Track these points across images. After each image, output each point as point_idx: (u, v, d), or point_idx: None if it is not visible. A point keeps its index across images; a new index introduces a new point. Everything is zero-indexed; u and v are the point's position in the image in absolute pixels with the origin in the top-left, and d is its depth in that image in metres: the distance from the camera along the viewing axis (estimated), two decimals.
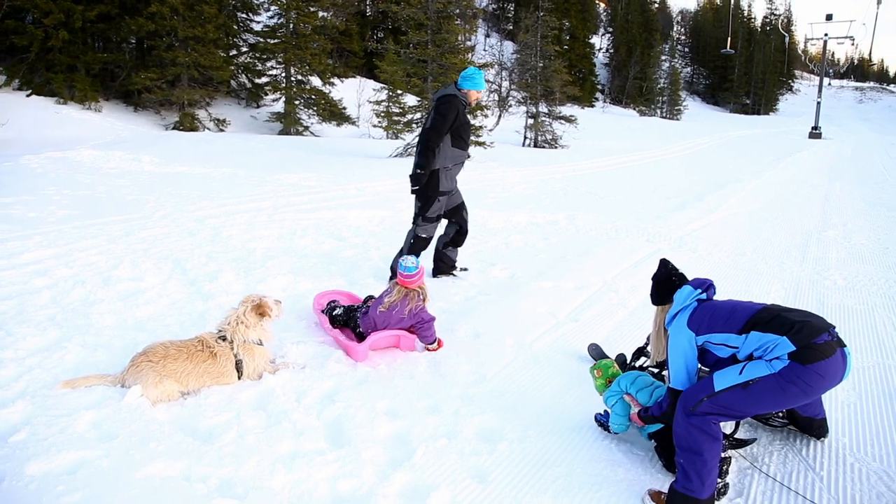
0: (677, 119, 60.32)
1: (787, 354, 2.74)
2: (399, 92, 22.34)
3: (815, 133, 42.52)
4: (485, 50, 50.14)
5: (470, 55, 38.94)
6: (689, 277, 3.30)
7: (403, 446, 3.24)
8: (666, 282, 3.34)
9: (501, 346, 4.55)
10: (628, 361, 4.15)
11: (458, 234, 6.27)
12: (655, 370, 4.04)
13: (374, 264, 6.61)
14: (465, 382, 3.97)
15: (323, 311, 4.82)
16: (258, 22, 28.65)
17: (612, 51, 66.12)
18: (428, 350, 4.49)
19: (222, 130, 24.57)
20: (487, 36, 54.54)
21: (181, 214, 8.53)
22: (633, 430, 3.41)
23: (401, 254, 5.97)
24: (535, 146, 26.52)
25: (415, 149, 6.11)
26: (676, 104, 62.88)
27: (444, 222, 6.24)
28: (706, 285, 3.19)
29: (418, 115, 20.15)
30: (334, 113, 27.17)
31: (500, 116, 31.29)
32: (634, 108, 59.56)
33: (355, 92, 29.01)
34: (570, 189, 13.35)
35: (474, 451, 3.22)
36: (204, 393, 3.61)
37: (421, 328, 4.46)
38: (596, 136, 31.80)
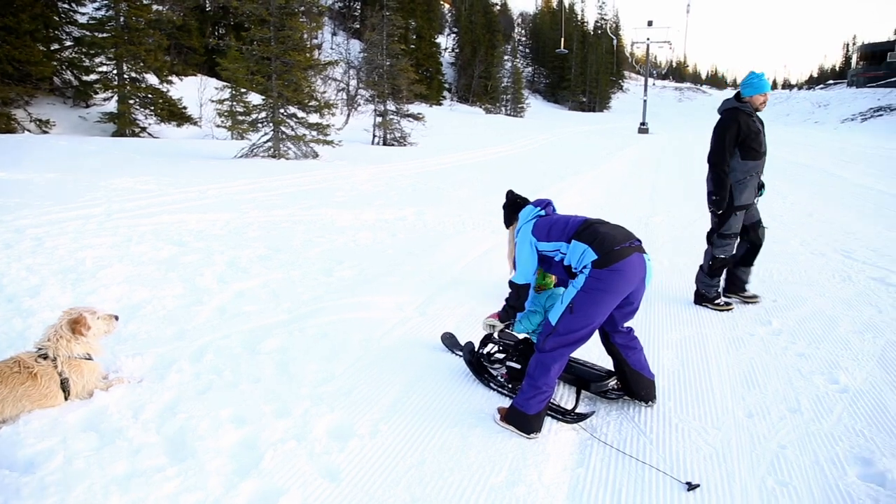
0: (521, 116, 63.01)
1: (591, 262, 3.32)
2: (243, 90, 21.63)
3: (643, 128, 46.51)
4: (332, 48, 49.51)
5: (317, 53, 38.39)
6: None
7: (251, 453, 3.13)
8: (512, 204, 4.07)
9: (350, 343, 4.53)
10: (476, 349, 4.29)
11: (749, 252, 5.85)
12: (502, 356, 4.24)
13: (217, 269, 6.33)
14: (314, 382, 3.91)
15: None
16: (83, 13, 26.41)
17: (457, 50, 67.66)
18: None
19: (46, 132, 22.48)
20: (334, 34, 53.85)
21: None
22: (484, 415, 3.59)
23: (701, 272, 5.81)
24: (385, 144, 26.70)
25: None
26: (520, 102, 65.70)
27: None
28: (545, 204, 3.91)
29: (263, 115, 19.55)
30: (174, 113, 25.73)
31: (348, 115, 31.13)
32: (481, 106, 61.39)
33: (196, 91, 27.68)
34: (418, 185, 13.56)
35: (325, 451, 3.17)
36: (23, 419, 3.28)
37: None
38: (444, 133, 32.52)
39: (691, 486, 3.00)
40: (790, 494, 2.93)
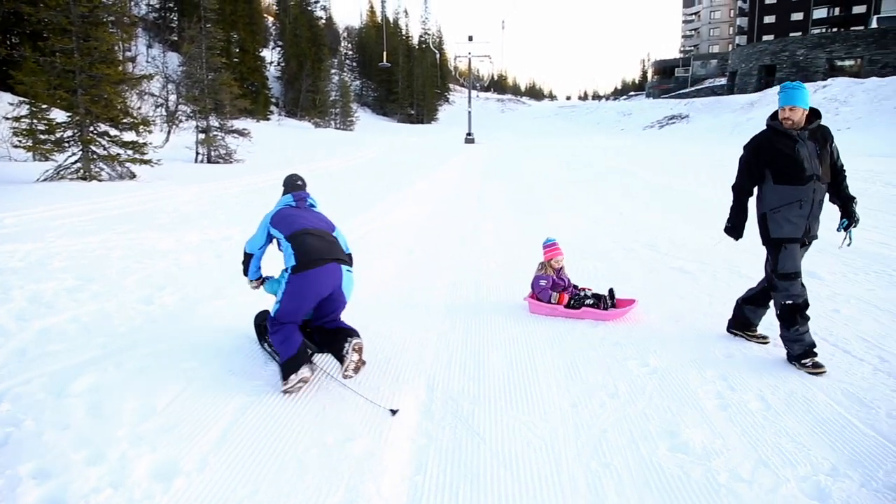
0: (351, 130, 62.95)
1: (290, 267, 4.06)
2: (44, 106, 19.70)
3: (469, 139, 48.55)
4: (148, 61, 46.49)
5: (130, 66, 35.92)
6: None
7: None
8: (284, 188, 4.79)
9: (173, 375, 4.25)
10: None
11: (763, 292, 4.93)
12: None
13: (16, 306, 5.65)
14: (133, 421, 3.60)
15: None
16: None
17: (283, 64, 66.28)
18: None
19: None
20: (150, 46, 50.62)
21: None
22: (319, 434, 3.51)
23: (781, 326, 4.67)
24: (209, 161, 25.51)
25: None
26: (349, 115, 65.67)
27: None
28: (299, 197, 4.63)
29: (70, 133, 17.92)
30: None
31: (169, 132, 29.42)
32: (310, 121, 60.56)
33: None
34: (245, 203, 13.10)
35: (146, 495, 2.93)
36: None
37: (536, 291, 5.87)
38: (272, 148, 31.81)
39: (394, 412, 3.74)
40: (611, 474, 3.16)
